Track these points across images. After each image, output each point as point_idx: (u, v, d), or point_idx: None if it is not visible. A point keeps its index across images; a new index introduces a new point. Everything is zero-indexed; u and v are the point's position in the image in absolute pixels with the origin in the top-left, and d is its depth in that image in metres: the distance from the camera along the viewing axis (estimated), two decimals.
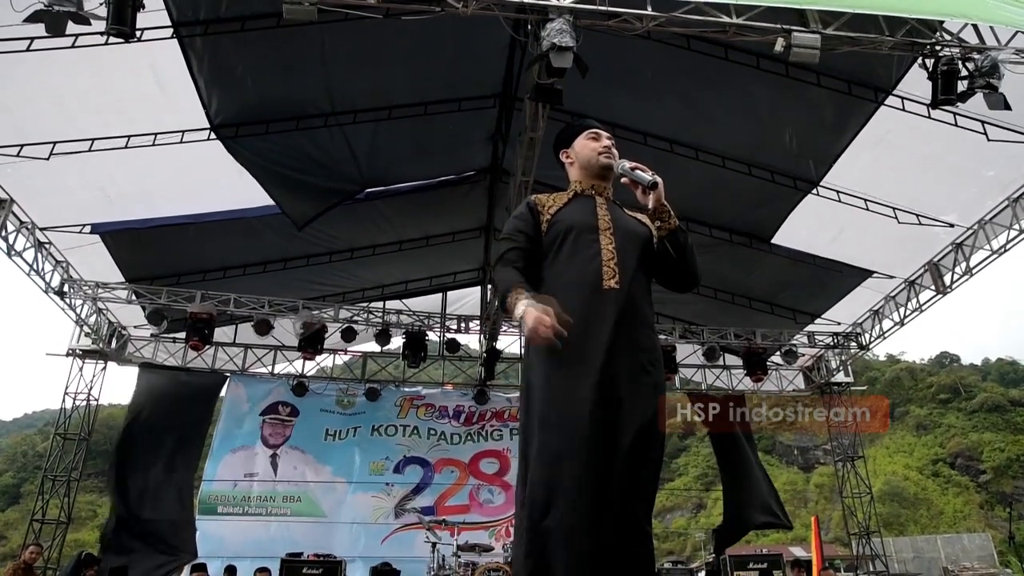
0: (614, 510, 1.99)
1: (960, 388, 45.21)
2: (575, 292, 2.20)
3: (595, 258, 2.26)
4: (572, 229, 2.32)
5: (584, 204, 2.41)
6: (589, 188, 2.44)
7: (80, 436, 10.72)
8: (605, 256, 2.26)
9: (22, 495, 40.48)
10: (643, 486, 2.08)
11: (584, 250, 2.28)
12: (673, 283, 2.41)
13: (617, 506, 2.00)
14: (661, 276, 2.39)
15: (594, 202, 2.40)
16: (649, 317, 2.29)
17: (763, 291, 11.00)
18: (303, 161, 8.28)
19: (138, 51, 6.06)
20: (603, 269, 2.23)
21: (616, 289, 2.20)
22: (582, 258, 2.27)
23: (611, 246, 2.28)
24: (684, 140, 8.11)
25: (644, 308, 2.27)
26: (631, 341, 2.17)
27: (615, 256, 2.26)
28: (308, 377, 12.21)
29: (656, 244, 2.34)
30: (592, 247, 2.28)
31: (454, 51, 7.22)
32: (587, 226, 2.33)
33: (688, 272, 2.37)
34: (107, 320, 10.82)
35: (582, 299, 2.19)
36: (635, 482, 2.04)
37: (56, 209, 8.31)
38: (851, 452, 12.40)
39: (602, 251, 2.27)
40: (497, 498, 12.13)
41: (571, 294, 2.19)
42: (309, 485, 11.57)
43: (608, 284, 2.21)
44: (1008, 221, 7.89)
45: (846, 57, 5.66)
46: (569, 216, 2.37)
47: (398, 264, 11.51)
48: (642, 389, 2.14)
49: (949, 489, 38.44)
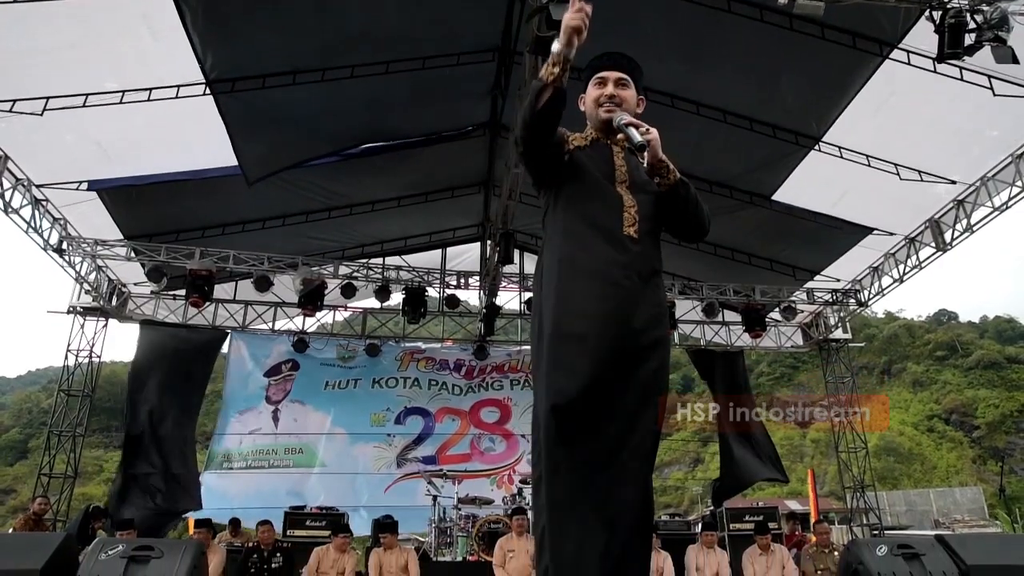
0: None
1: (957, 345, 45.51)
2: (594, 236, 2.23)
3: (615, 206, 2.28)
4: (591, 174, 2.33)
5: (602, 151, 2.40)
6: (603, 137, 2.41)
7: (84, 393, 10.82)
8: (626, 203, 2.28)
9: (29, 450, 41.05)
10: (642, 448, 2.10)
11: (604, 197, 2.30)
12: (681, 233, 2.42)
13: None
14: (670, 226, 2.40)
15: (611, 150, 2.39)
16: (659, 269, 2.31)
17: (763, 248, 10.99)
18: (299, 116, 8.20)
19: (130, 2, 5.95)
20: (624, 216, 2.26)
21: (634, 238, 2.23)
22: (602, 204, 2.29)
23: (629, 196, 2.30)
24: (685, 95, 8.01)
25: (656, 259, 2.30)
26: (644, 292, 2.21)
27: (635, 205, 2.28)
28: (308, 334, 12.27)
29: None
30: (611, 195, 2.30)
31: (453, 4, 7.09)
32: (606, 174, 2.34)
33: (694, 223, 2.38)
34: (107, 277, 10.84)
35: (600, 243, 2.22)
36: (636, 440, 2.08)
37: (52, 166, 8.25)
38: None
39: (623, 199, 2.29)
40: (498, 446, 12.29)
41: (589, 238, 2.23)
42: (310, 436, 11.71)
43: (628, 231, 2.24)
44: (1011, 178, 7.85)
45: (851, 9, 5.56)
46: (587, 159, 2.36)
47: (397, 220, 11.48)
48: (649, 343, 2.17)
49: (943, 444, 38.98)
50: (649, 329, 2.18)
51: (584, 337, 2.09)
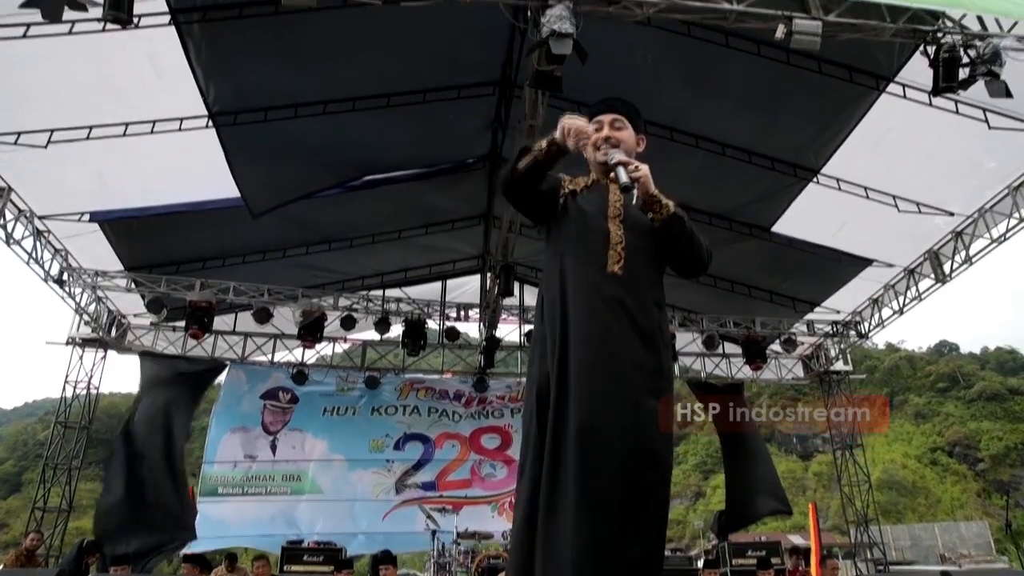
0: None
1: (959, 377, 45.32)
2: (581, 272, 2.27)
3: (602, 243, 2.30)
4: (584, 213, 2.38)
5: (598, 190, 2.45)
6: (602, 178, 2.46)
7: (80, 425, 10.73)
8: (612, 241, 2.29)
9: (23, 483, 40.65)
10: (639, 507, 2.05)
11: (593, 234, 2.33)
12: (679, 268, 2.43)
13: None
14: (669, 261, 2.41)
15: (607, 189, 2.42)
16: (651, 304, 2.29)
17: (762, 279, 10.99)
18: (299, 149, 8.26)
19: (135, 38, 6.03)
20: (609, 253, 2.27)
21: (619, 275, 2.24)
22: (590, 241, 2.32)
23: (619, 232, 2.31)
24: (684, 128, 8.07)
25: (648, 294, 2.29)
26: (630, 326, 2.20)
27: (622, 242, 2.29)
28: (308, 365, 12.22)
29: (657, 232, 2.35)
30: (600, 232, 2.33)
31: (453, 38, 7.18)
32: (600, 210, 2.38)
33: (690, 258, 2.38)
34: (106, 308, 10.82)
35: (586, 279, 2.25)
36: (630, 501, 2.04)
37: (55, 197, 8.29)
38: (850, 441, 12.44)
39: (610, 236, 2.30)
40: (499, 472, 12.12)
41: (576, 273, 2.27)
42: (309, 464, 11.58)
43: (612, 269, 2.25)
44: (1008, 209, 7.88)
45: (847, 44, 5.62)
46: (584, 200, 2.42)
47: (397, 252, 11.50)
48: (634, 379, 2.15)
49: (947, 477, 38.62)
50: (639, 363, 2.17)
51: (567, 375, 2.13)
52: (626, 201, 2.36)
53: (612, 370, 2.13)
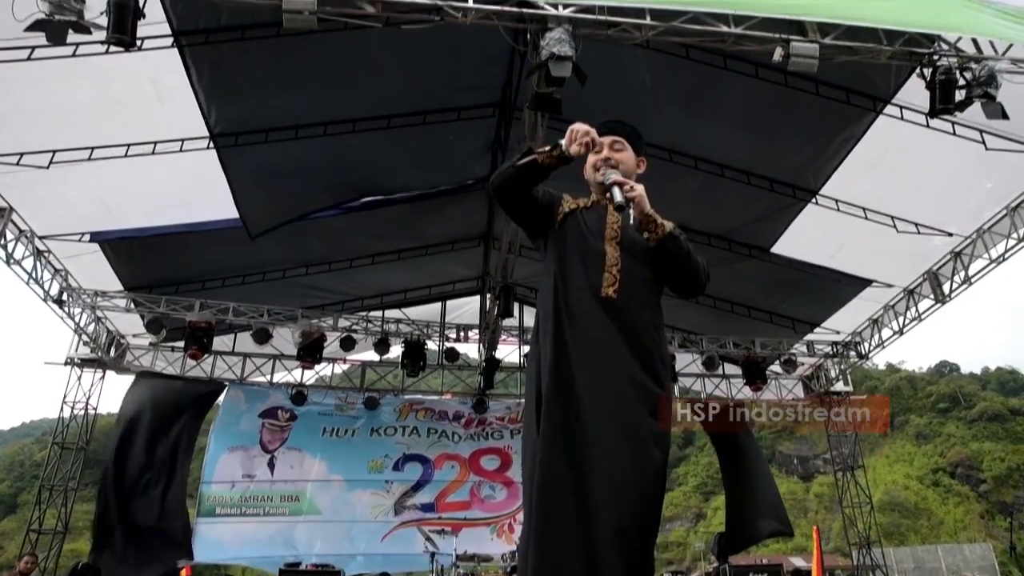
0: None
1: (960, 397, 45.16)
2: (575, 292, 2.28)
3: (599, 264, 2.30)
4: (581, 234, 2.39)
5: (597, 211, 2.46)
6: (601, 197, 2.47)
7: (78, 445, 10.69)
8: (608, 263, 2.29)
9: (19, 505, 40.33)
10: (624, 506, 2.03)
11: (589, 255, 2.34)
12: (676, 288, 2.43)
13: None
14: (667, 283, 2.41)
15: (605, 210, 2.43)
16: (646, 326, 2.28)
17: (762, 300, 10.99)
18: (300, 170, 8.30)
19: (138, 60, 6.07)
20: (604, 276, 2.28)
21: (613, 298, 2.24)
22: (586, 261, 2.33)
23: (616, 254, 2.32)
24: (683, 149, 8.11)
25: (643, 316, 2.28)
26: (625, 347, 2.19)
27: (618, 263, 2.29)
28: (307, 386, 12.18)
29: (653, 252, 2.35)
30: (596, 253, 2.33)
31: (453, 60, 7.24)
32: (597, 231, 2.38)
33: (688, 277, 2.38)
34: (106, 329, 10.81)
35: (580, 300, 2.26)
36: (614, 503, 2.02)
37: (55, 217, 8.30)
38: (851, 461, 12.38)
39: (606, 258, 2.30)
40: (499, 494, 12.02)
41: (571, 295, 2.28)
42: (307, 484, 11.50)
43: (606, 292, 2.25)
44: (1007, 230, 7.90)
45: (844, 67, 5.67)
46: (582, 219, 2.44)
47: (397, 273, 11.50)
48: (630, 399, 2.14)
49: (949, 499, 38.33)
50: (634, 383, 2.16)
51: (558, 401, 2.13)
52: (624, 223, 2.37)
53: (605, 390, 2.13)
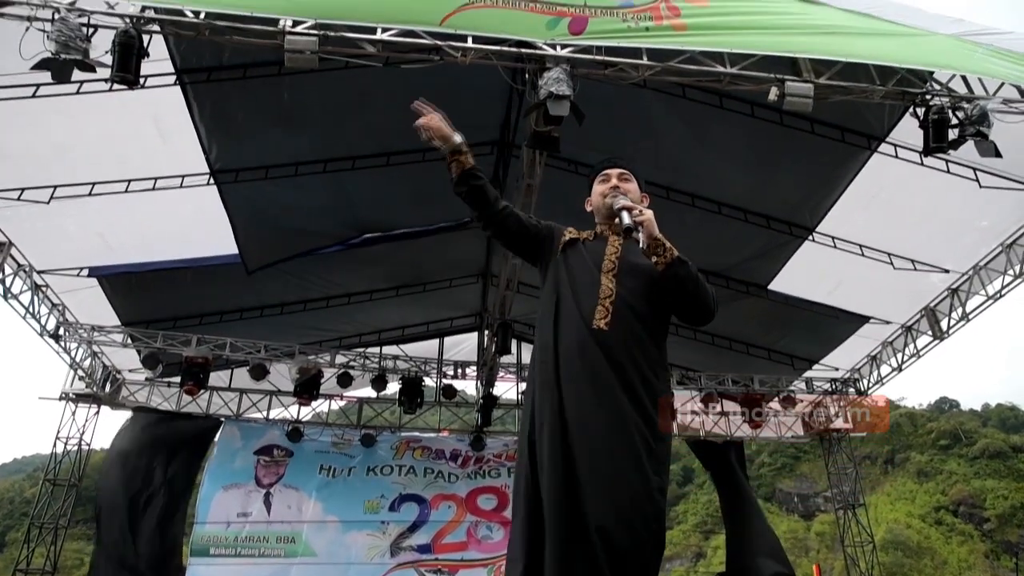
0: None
1: (960, 434, 44.84)
2: (567, 325, 2.32)
3: (592, 297, 2.32)
4: (578, 265, 2.43)
5: (598, 244, 2.49)
6: (606, 229, 2.50)
7: (70, 482, 10.55)
8: (602, 295, 2.30)
9: (7, 543, 39.60)
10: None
11: (585, 286, 2.36)
12: (685, 314, 2.42)
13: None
14: (675, 308, 2.40)
15: (606, 241, 2.44)
16: (637, 361, 2.26)
17: (760, 337, 10.98)
18: (299, 207, 8.34)
19: (141, 97, 6.13)
20: (596, 308, 2.28)
21: (604, 330, 2.24)
22: (581, 293, 2.35)
23: (611, 285, 2.32)
24: (680, 187, 8.18)
25: (635, 350, 2.26)
26: (616, 381, 2.19)
27: (612, 296, 2.29)
28: (303, 423, 12.08)
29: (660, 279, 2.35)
30: (591, 285, 2.35)
31: (452, 99, 7.28)
32: (593, 264, 2.41)
33: (698, 302, 2.36)
34: (102, 364, 10.75)
35: (573, 332, 2.29)
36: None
37: (54, 252, 8.32)
38: (852, 500, 12.24)
39: (600, 289, 2.31)
40: (496, 534, 11.82)
41: (564, 326, 2.32)
42: (303, 525, 11.32)
43: (598, 324, 2.25)
44: (1003, 266, 7.93)
45: (839, 106, 5.75)
46: (583, 251, 2.48)
47: (395, 309, 11.49)
48: (615, 435, 2.13)
49: (953, 538, 37.81)
50: (625, 418, 2.15)
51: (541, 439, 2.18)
52: (622, 254, 2.39)
53: (595, 424, 2.12)
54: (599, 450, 2.08)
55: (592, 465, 2.06)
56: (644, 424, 2.16)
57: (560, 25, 4.97)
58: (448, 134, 2.48)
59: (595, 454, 2.07)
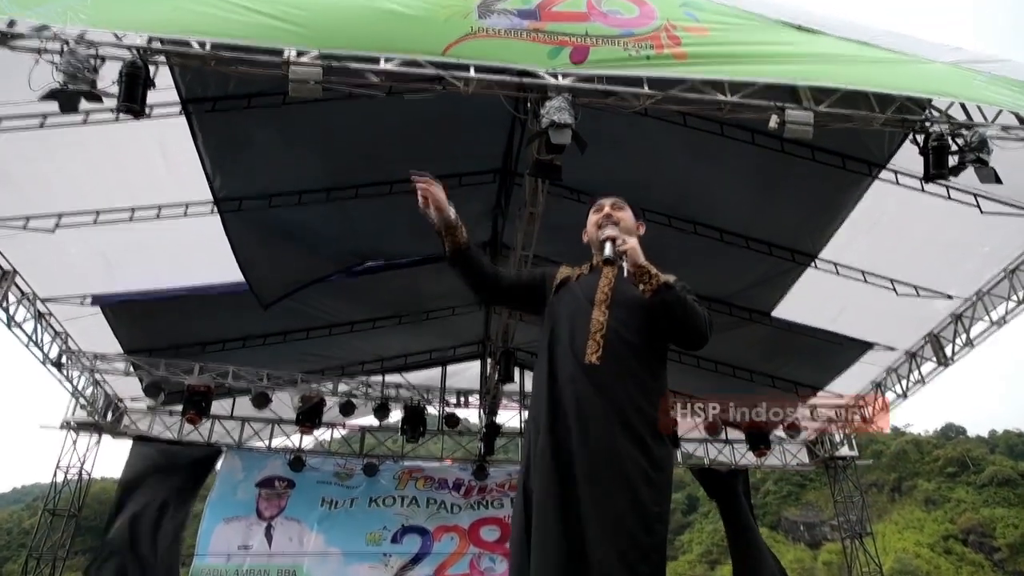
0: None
1: (968, 461, 44.43)
2: (561, 360, 2.33)
3: (583, 331, 2.33)
4: (575, 298, 2.44)
5: (592, 276, 2.51)
6: (601, 261, 2.50)
7: (70, 512, 10.46)
8: (592, 329, 2.31)
9: (4, 575, 39.26)
10: None
11: (578, 321, 2.37)
12: (679, 340, 2.42)
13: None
14: (668, 335, 2.40)
15: (600, 273, 2.45)
16: (630, 395, 2.25)
17: (764, 364, 10.93)
18: (303, 235, 8.38)
19: (146, 126, 6.21)
20: (588, 343, 2.28)
21: (596, 365, 2.25)
22: (573, 329, 2.36)
23: (602, 319, 2.33)
24: (682, 214, 8.21)
25: (626, 384, 2.25)
26: (611, 415, 2.18)
27: (603, 329, 2.30)
28: (305, 451, 12.01)
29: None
30: (583, 320, 2.35)
31: (454, 127, 7.39)
32: (586, 298, 2.41)
33: (689, 327, 2.34)
34: (103, 392, 10.72)
35: (565, 368, 2.30)
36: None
37: (58, 280, 8.34)
38: (859, 528, 12.09)
39: (591, 323, 2.32)
40: (499, 566, 11.68)
41: (558, 361, 2.34)
42: (304, 558, 11.19)
43: (590, 359, 2.26)
44: (1006, 292, 7.92)
45: (839, 133, 5.79)
46: (574, 287, 2.50)
47: (398, 337, 11.48)
48: (611, 469, 2.12)
49: (963, 567, 37.27)
50: (617, 457, 2.13)
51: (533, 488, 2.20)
52: (616, 285, 2.39)
53: (591, 459, 2.12)
54: (593, 488, 2.08)
55: (586, 503, 2.05)
56: (641, 455, 2.15)
57: (562, 55, 5.02)
58: (445, 206, 2.52)
59: (590, 492, 2.07)
